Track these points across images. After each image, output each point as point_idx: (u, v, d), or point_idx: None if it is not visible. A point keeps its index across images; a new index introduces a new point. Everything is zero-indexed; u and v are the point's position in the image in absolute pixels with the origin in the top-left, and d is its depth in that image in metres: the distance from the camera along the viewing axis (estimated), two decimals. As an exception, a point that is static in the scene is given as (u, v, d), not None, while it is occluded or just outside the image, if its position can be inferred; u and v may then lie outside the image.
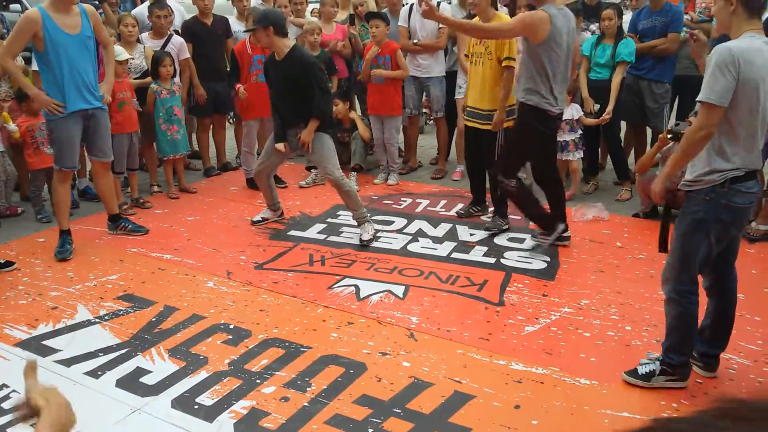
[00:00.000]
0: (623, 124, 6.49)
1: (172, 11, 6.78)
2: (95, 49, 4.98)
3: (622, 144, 6.45)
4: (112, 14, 7.05)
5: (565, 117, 5.95)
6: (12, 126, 5.63)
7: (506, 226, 5.39)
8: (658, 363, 3.26)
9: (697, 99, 2.94)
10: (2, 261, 4.73)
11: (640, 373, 3.29)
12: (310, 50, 6.76)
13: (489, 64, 5.16)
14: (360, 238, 5.16)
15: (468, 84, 5.46)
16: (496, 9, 5.25)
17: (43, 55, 4.74)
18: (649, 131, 6.58)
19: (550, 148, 4.96)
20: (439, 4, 6.16)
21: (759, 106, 2.92)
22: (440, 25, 6.54)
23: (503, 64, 5.10)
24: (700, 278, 3.23)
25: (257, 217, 5.62)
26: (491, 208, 5.55)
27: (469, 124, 5.41)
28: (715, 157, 2.97)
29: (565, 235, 5.03)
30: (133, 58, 6.09)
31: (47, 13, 4.64)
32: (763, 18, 3.10)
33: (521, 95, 4.70)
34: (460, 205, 5.91)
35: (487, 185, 5.57)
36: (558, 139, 5.97)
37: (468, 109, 5.41)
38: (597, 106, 6.05)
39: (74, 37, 4.76)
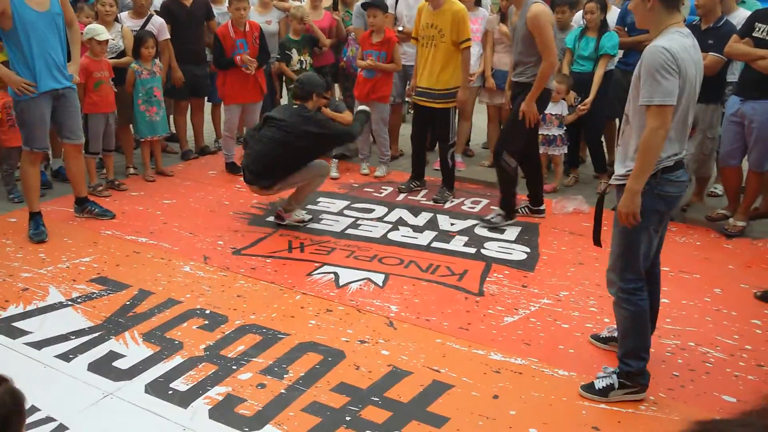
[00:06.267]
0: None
1: None
2: (64, 26, 4.83)
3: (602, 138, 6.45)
4: None
5: (555, 112, 5.95)
6: None
7: (451, 197, 5.86)
8: (615, 376, 3.13)
9: (642, 103, 2.87)
10: None
11: (597, 388, 3.14)
12: (293, 35, 6.68)
13: (442, 46, 5.47)
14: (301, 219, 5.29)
15: (418, 65, 5.75)
16: None
17: (11, 33, 4.57)
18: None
19: (537, 130, 5.43)
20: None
21: (687, 99, 2.92)
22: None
23: (462, 46, 5.47)
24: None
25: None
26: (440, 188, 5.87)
27: (421, 103, 5.75)
28: None
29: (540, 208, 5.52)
30: (112, 39, 5.96)
31: None
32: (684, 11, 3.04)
33: (528, 77, 4.95)
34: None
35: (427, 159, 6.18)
36: (547, 133, 5.99)
37: (420, 89, 5.71)
38: (578, 99, 6.05)
39: (43, 14, 4.61)
